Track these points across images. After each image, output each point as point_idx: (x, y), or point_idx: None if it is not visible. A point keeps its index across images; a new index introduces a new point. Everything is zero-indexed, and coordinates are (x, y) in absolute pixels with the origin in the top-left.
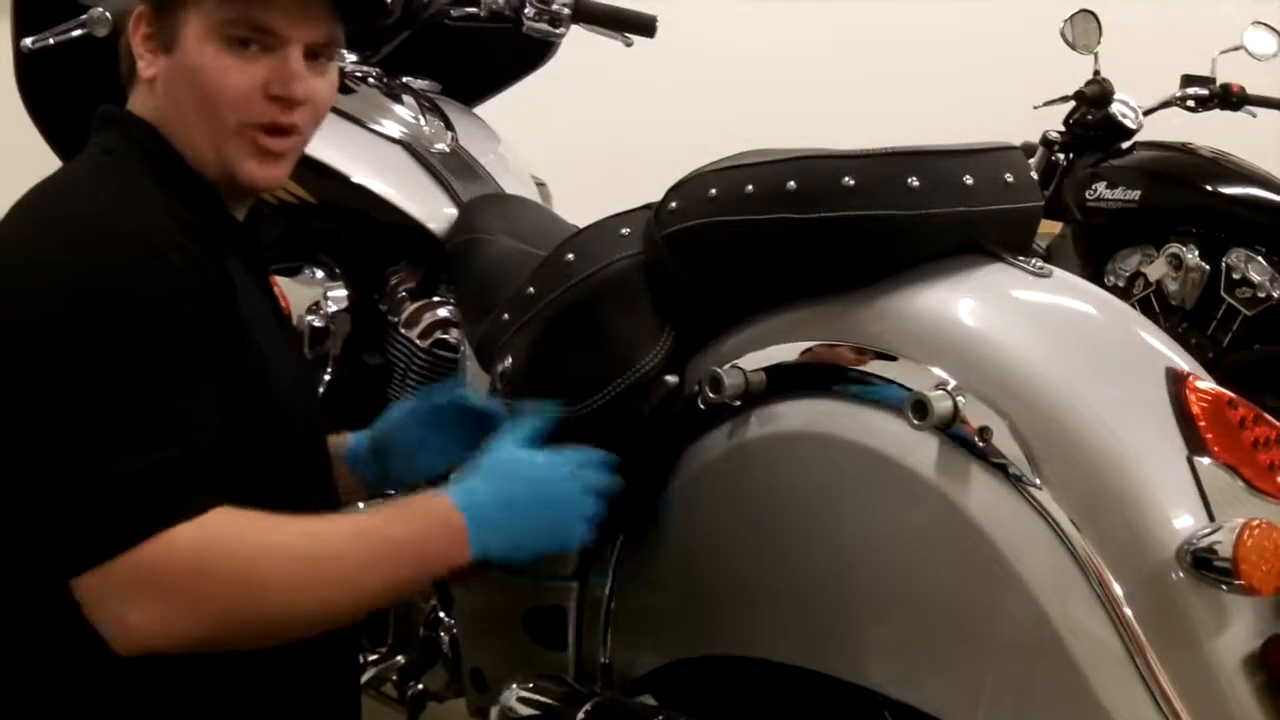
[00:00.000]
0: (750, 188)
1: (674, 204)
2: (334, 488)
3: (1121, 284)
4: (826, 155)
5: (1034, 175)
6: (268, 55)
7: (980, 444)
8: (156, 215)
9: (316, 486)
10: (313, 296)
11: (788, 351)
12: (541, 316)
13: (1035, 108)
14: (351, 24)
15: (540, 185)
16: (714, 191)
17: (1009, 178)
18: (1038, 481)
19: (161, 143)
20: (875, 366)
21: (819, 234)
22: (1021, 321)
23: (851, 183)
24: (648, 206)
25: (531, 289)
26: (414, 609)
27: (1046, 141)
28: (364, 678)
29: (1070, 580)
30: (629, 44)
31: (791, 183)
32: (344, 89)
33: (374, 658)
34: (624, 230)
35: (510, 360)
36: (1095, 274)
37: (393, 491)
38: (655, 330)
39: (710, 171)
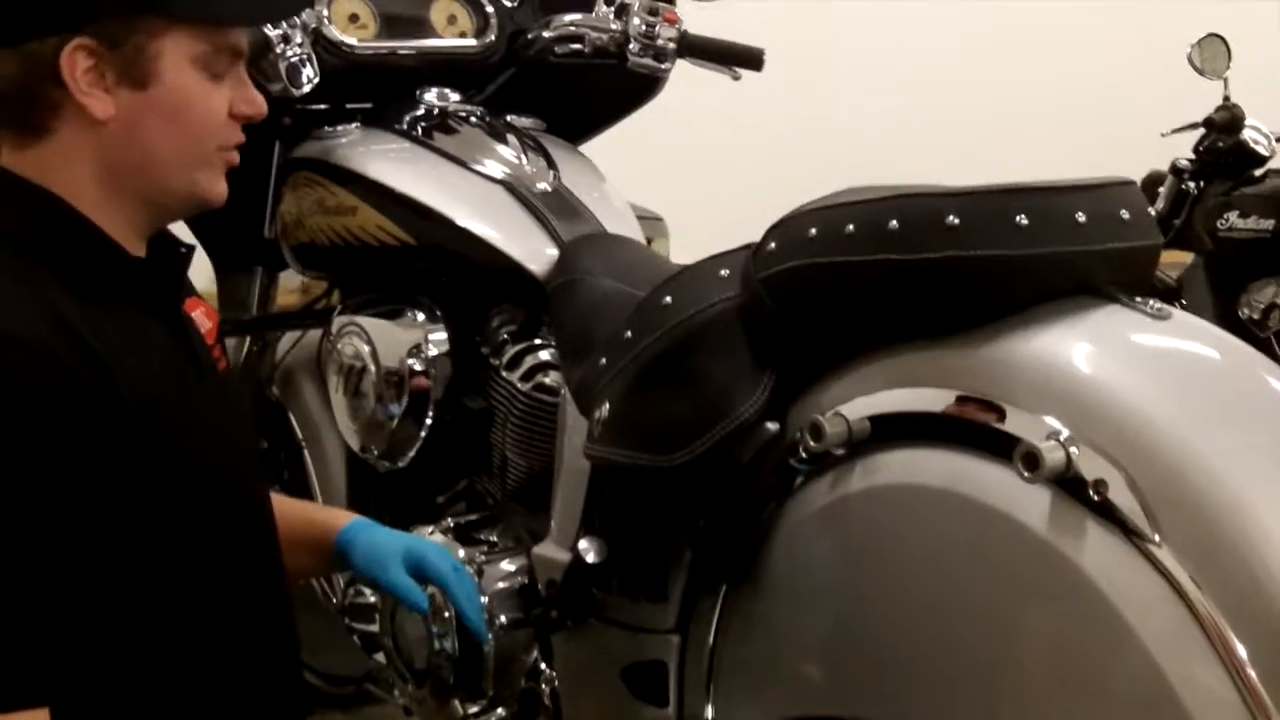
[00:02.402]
0: (850, 228)
1: (772, 245)
2: (271, 540)
3: (1256, 316)
4: (929, 193)
5: (1152, 211)
6: (228, 74)
7: (1095, 497)
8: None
9: (248, 540)
10: (413, 340)
11: (892, 399)
12: (637, 362)
13: (1164, 135)
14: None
15: (656, 220)
16: (813, 232)
17: (1124, 214)
18: (1156, 537)
19: (45, 207)
20: (983, 415)
21: (922, 276)
22: (1138, 367)
23: (955, 221)
24: (748, 247)
25: (629, 333)
26: (514, 660)
27: (1176, 170)
28: None
29: (1190, 641)
30: (736, 78)
31: (893, 222)
32: (447, 129)
33: (474, 710)
34: (723, 271)
35: (606, 407)
36: (1228, 306)
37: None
38: (754, 376)
39: (810, 210)
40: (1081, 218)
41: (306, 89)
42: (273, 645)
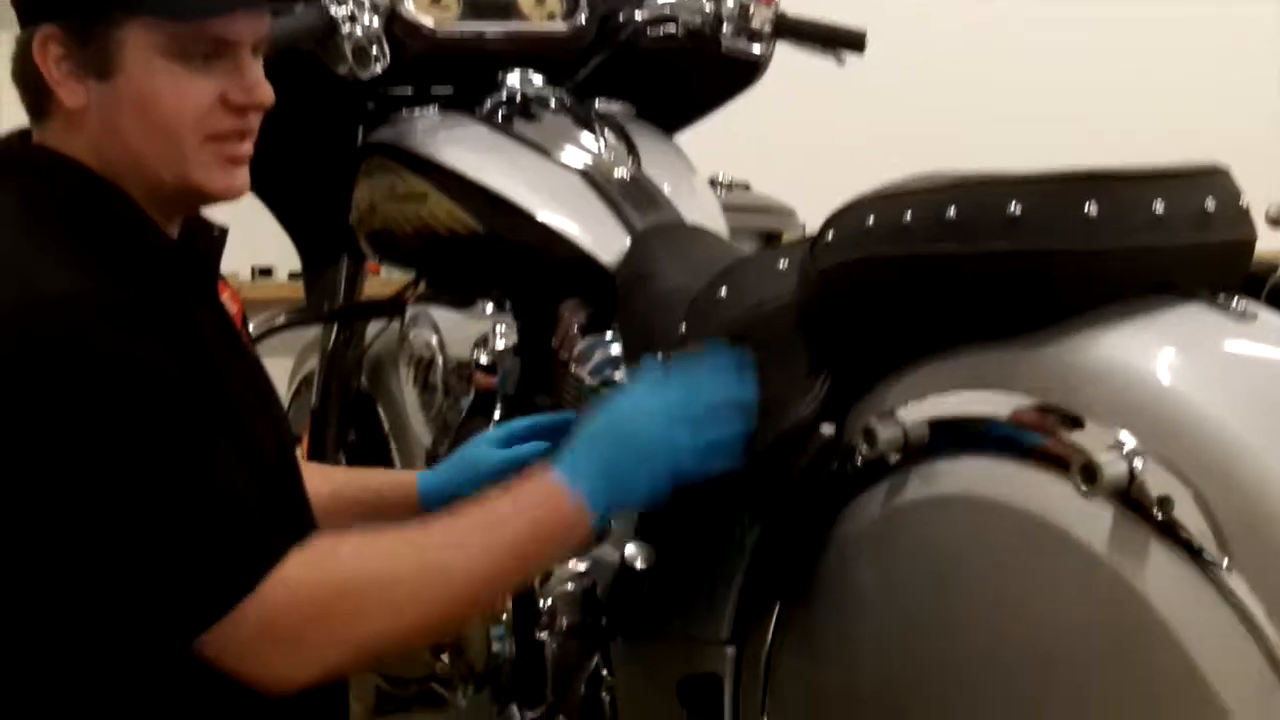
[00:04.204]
0: (908, 217)
1: (830, 235)
2: (311, 525)
3: None
4: (991, 179)
5: (1244, 203)
6: (217, 62)
7: (1159, 516)
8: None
9: (290, 520)
10: (481, 331)
11: (949, 403)
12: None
13: None
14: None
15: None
16: (871, 221)
17: (1210, 205)
18: (1225, 562)
19: (89, 185)
20: (1043, 422)
21: (981, 271)
22: (1216, 373)
23: (1018, 212)
24: (809, 238)
25: (683, 328)
26: (576, 667)
27: None
28: None
29: (1263, 680)
30: (840, 63)
31: (951, 211)
32: (527, 114)
33: (533, 716)
34: (781, 264)
35: None
36: None
37: None
38: (810, 376)
39: (871, 198)
40: (1160, 209)
41: (376, 71)
42: None
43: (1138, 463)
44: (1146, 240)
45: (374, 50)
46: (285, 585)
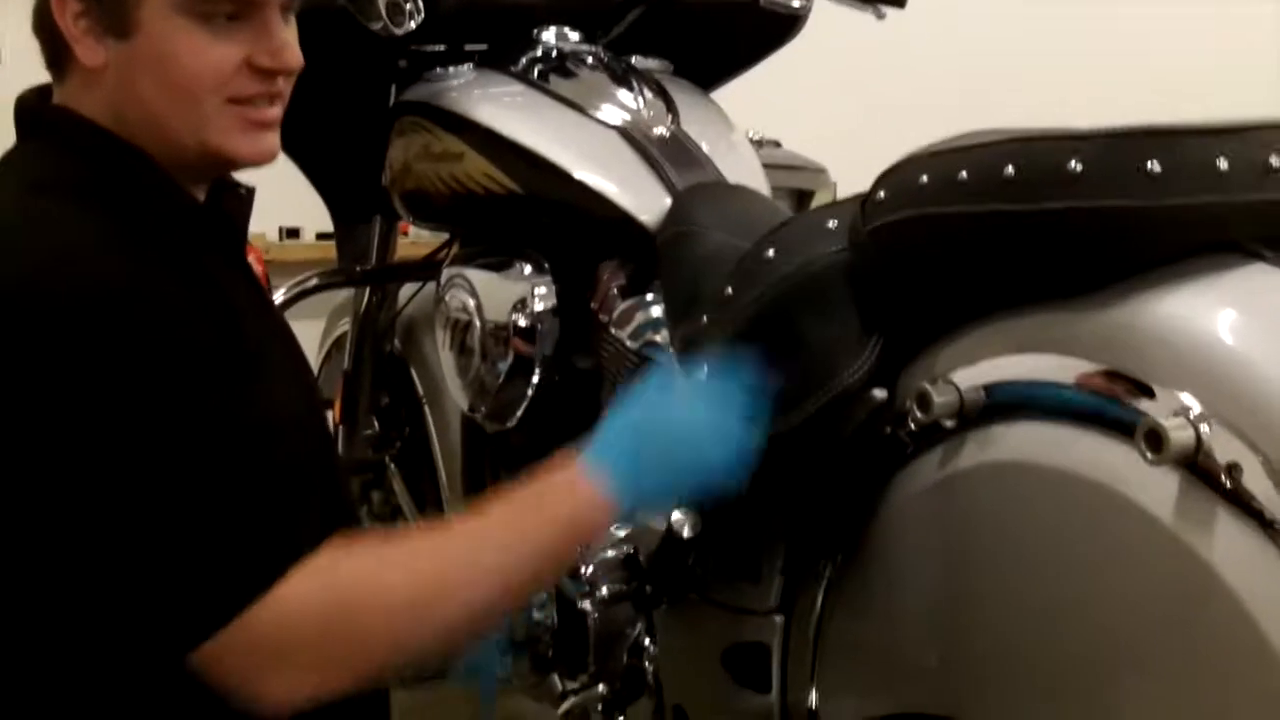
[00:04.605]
0: (964, 174)
1: (882, 193)
2: (343, 484)
3: None
4: (1051, 135)
5: None
6: (243, 23)
7: (1228, 484)
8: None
9: (323, 482)
10: (519, 293)
11: (1006, 366)
12: (736, 320)
13: None
14: None
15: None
16: (924, 179)
17: (1275, 161)
18: None
19: (111, 148)
20: (1105, 386)
21: (1040, 229)
22: None
23: (1079, 168)
24: (860, 196)
25: (730, 289)
26: (618, 636)
27: None
28: (562, 708)
29: None
30: (881, 16)
31: (1009, 168)
32: (564, 71)
33: (574, 686)
34: (831, 223)
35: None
36: None
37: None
38: (861, 338)
39: (924, 155)
40: (1224, 165)
41: (411, 26)
42: None
43: (1204, 429)
44: (1210, 197)
45: (409, 6)
46: (283, 602)
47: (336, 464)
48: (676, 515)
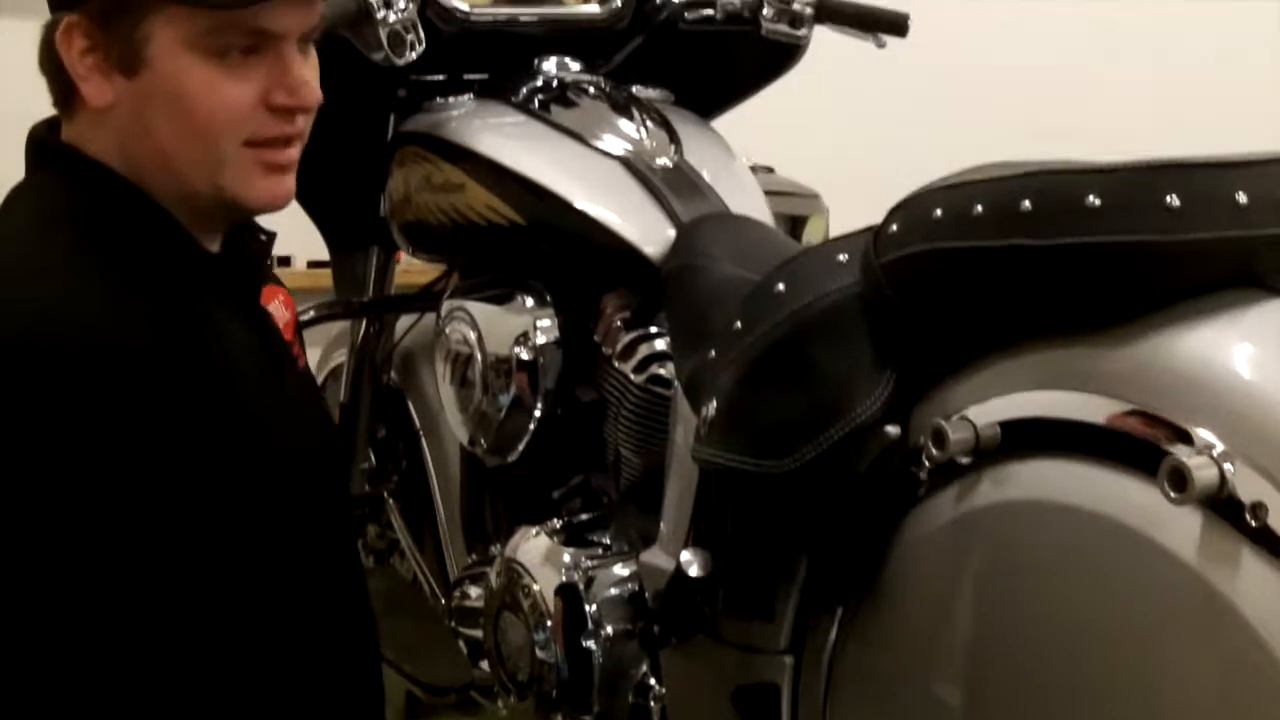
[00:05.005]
0: (979, 208)
1: (894, 227)
2: (350, 546)
3: None
4: (1068, 169)
5: None
6: (258, 58)
7: (1253, 523)
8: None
9: (327, 544)
10: (521, 326)
11: (1023, 402)
12: (747, 355)
13: None
14: None
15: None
16: (939, 213)
17: None
18: None
19: (113, 191)
20: (1125, 423)
21: (1058, 264)
22: None
23: (1097, 202)
24: (871, 228)
25: (739, 323)
26: (624, 675)
27: None
28: None
29: None
30: (881, 45)
31: (1026, 202)
32: (565, 101)
33: None
34: (842, 256)
35: (714, 405)
36: None
37: None
38: (874, 373)
39: (937, 189)
40: (1243, 199)
41: (412, 57)
42: (350, 653)
43: (1228, 467)
44: (1230, 231)
45: (410, 36)
46: None
47: (347, 505)
48: (685, 555)
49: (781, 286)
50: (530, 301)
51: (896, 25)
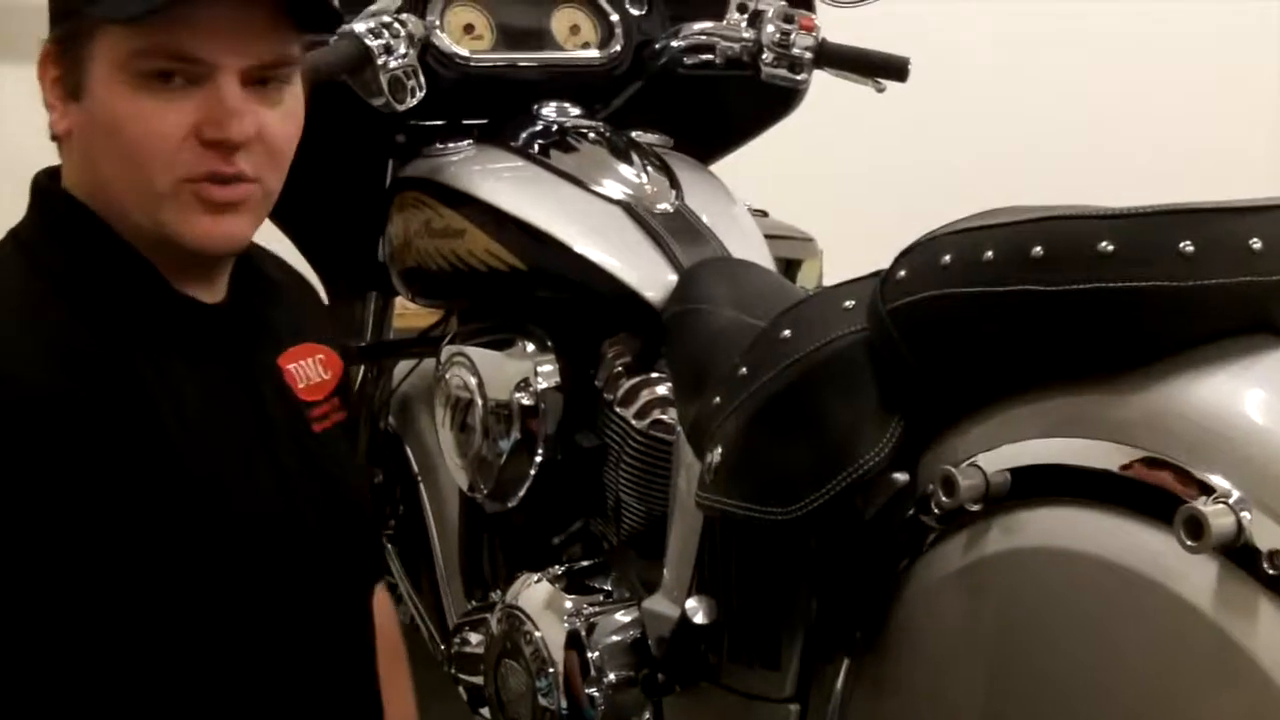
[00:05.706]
0: (989, 254)
1: (902, 272)
2: (358, 624)
3: None
4: (1080, 215)
5: None
6: (196, 88)
7: (1270, 571)
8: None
9: (320, 628)
10: (522, 372)
11: (1034, 449)
12: (752, 401)
13: None
14: (306, 33)
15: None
16: (948, 258)
17: None
18: None
19: (84, 222)
20: (1139, 471)
21: (1069, 310)
22: None
23: (1109, 248)
24: (878, 274)
25: (744, 369)
26: None
27: None
28: None
29: None
30: (880, 89)
31: (1037, 248)
32: (564, 146)
33: None
34: (848, 302)
35: (719, 451)
36: None
37: None
38: (881, 420)
39: (946, 234)
40: (1257, 244)
41: (411, 103)
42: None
43: (1245, 515)
44: (1244, 277)
45: (410, 82)
46: None
47: (349, 581)
48: (690, 602)
49: (788, 332)
50: (531, 347)
51: (897, 70)
